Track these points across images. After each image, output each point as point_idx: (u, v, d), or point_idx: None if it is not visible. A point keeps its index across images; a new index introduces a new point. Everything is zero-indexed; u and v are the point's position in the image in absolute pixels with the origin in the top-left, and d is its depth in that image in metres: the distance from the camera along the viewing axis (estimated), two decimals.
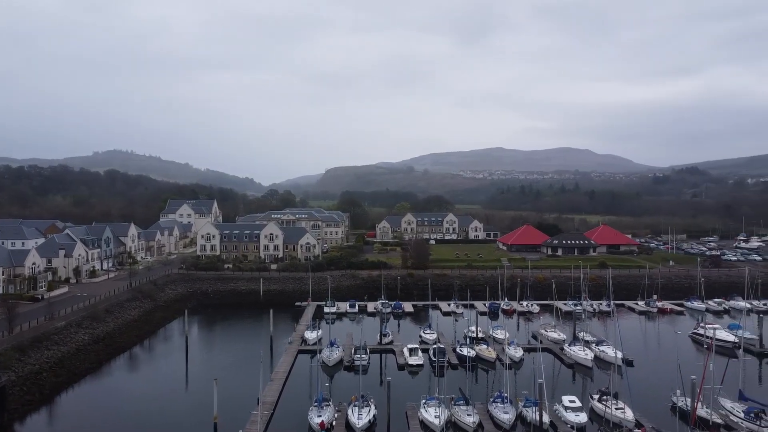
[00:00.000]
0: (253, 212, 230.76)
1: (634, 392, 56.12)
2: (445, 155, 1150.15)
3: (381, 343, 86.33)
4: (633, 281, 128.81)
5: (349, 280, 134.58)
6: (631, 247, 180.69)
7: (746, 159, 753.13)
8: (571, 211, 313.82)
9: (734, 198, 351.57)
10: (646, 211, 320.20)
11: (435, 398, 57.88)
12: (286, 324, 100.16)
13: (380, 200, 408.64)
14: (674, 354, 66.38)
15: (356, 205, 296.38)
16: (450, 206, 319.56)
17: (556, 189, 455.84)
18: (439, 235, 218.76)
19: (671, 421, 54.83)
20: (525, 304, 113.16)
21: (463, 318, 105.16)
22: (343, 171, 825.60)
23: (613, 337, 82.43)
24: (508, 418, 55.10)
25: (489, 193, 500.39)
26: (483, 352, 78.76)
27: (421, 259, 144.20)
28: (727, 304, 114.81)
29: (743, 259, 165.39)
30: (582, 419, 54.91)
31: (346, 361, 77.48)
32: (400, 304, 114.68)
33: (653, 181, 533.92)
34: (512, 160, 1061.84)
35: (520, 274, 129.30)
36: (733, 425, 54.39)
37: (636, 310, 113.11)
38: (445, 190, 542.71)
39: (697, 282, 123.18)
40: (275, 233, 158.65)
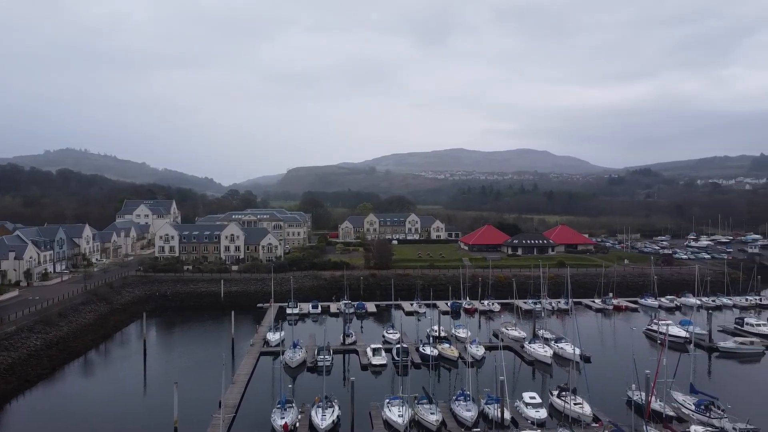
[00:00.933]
0: (213, 213, 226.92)
1: (591, 388, 57.74)
2: (407, 156, 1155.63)
3: (344, 343, 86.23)
4: (590, 280, 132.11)
5: (311, 280, 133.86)
6: (588, 246, 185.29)
7: (696, 161, 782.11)
8: (531, 211, 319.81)
9: (685, 198, 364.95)
10: (602, 211, 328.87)
11: (398, 397, 58.23)
12: (248, 326, 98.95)
13: (342, 201, 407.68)
14: (629, 350, 68.53)
15: (318, 206, 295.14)
16: (412, 206, 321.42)
17: (515, 190, 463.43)
18: (402, 235, 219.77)
19: (627, 414, 56.61)
20: (486, 303, 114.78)
21: (425, 317, 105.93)
22: (304, 171, 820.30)
23: (571, 334, 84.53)
24: (470, 415, 55.82)
25: (450, 194, 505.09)
26: (445, 351, 79.53)
27: (384, 260, 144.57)
28: (678, 301, 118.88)
29: (693, 257, 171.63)
30: (542, 415, 56.08)
31: (309, 362, 77.08)
32: (363, 305, 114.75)
33: (609, 182, 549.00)
34: (473, 160, 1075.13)
35: (482, 273, 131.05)
36: (685, 417, 56.43)
37: (593, 307, 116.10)
38: (407, 190, 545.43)
39: (650, 280, 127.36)
40: (236, 234, 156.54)
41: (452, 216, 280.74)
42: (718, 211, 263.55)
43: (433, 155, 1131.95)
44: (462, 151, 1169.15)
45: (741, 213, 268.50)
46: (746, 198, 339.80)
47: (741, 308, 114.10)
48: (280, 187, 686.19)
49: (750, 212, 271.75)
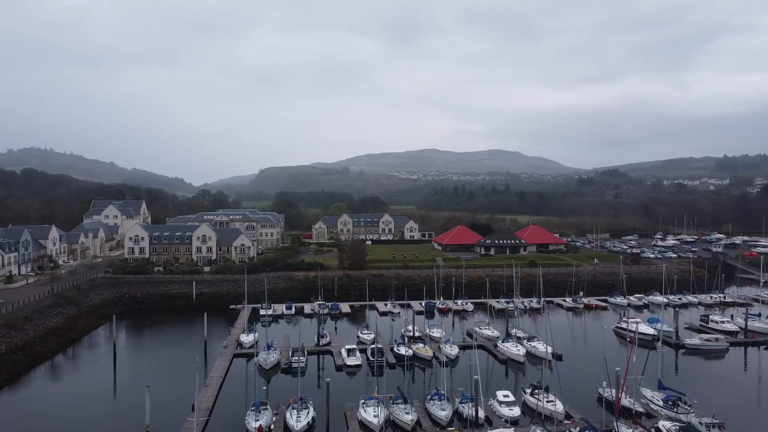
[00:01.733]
0: (184, 213, 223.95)
1: (563, 385, 58.79)
2: (380, 156, 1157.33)
3: (319, 344, 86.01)
4: (561, 279, 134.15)
5: (285, 281, 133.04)
6: (559, 246, 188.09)
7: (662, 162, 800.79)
8: (503, 211, 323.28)
9: (652, 199, 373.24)
10: (572, 211, 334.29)
11: (374, 398, 58.33)
12: (221, 327, 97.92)
13: (316, 201, 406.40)
14: (600, 348, 69.96)
15: (291, 206, 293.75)
16: (386, 207, 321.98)
17: (488, 190, 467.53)
18: (376, 235, 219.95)
19: (598, 411, 57.68)
20: (460, 303, 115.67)
21: (399, 317, 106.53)
22: (277, 171, 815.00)
23: (543, 333, 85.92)
24: (445, 414, 56.24)
25: (424, 194, 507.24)
26: (420, 351, 79.91)
27: (358, 260, 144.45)
28: (646, 299, 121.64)
29: (660, 256, 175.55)
30: (515, 413, 56.80)
31: (283, 364, 76.69)
32: (338, 305, 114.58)
33: (578, 183, 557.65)
34: (446, 161, 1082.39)
35: (455, 273, 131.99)
36: (653, 413, 57.81)
37: (564, 306, 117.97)
38: (380, 190, 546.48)
39: (619, 279, 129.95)
40: (208, 235, 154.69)
41: (426, 216, 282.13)
42: (683, 211, 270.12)
43: (407, 155, 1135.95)
44: (435, 151, 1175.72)
45: (705, 213, 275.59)
46: (710, 198, 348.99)
47: (706, 306, 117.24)
48: (252, 188, 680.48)
49: (714, 212, 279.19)
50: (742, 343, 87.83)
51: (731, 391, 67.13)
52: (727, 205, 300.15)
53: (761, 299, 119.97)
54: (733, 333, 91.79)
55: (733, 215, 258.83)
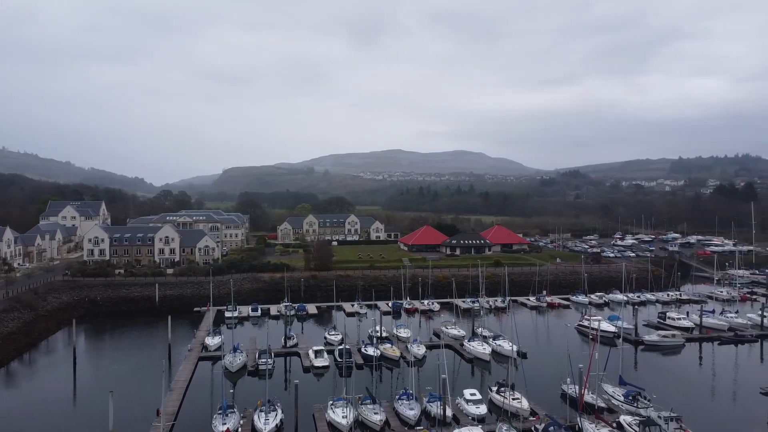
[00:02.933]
0: (145, 214, 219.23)
1: (528, 383, 60.00)
2: (345, 156, 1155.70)
3: (285, 346, 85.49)
4: (525, 278, 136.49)
5: (250, 283, 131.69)
6: (522, 245, 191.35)
7: (621, 163, 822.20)
8: (467, 211, 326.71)
9: (611, 199, 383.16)
10: (535, 211, 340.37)
11: (342, 398, 58.41)
12: (185, 330, 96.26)
13: (280, 201, 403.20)
14: (563, 345, 71.59)
15: (256, 207, 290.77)
16: (351, 207, 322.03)
17: (452, 190, 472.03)
18: (342, 236, 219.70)
19: (562, 407, 59.00)
20: (426, 303, 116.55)
21: (366, 318, 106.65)
22: (240, 171, 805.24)
23: (508, 331, 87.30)
24: (413, 414, 56.71)
25: (389, 194, 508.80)
26: (387, 351, 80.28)
27: (324, 261, 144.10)
28: (606, 297, 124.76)
29: (620, 255, 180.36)
30: (482, 411, 57.61)
31: (250, 366, 76.00)
32: (304, 306, 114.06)
33: (541, 184, 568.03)
34: (411, 161, 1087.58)
35: (421, 273, 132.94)
36: (615, 408, 59.50)
37: (528, 305, 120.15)
38: (345, 191, 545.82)
39: (581, 278, 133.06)
40: (171, 236, 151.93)
41: (391, 217, 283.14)
42: (641, 212, 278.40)
43: (372, 156, 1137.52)
44: (400, 152, 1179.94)
45: (662, 213, 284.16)
46: (666, 199, 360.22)
47: (663, 303, 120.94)
48: (215, 188, 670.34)
49: (669, 212, 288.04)
50: (697, 339, 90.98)
51: (687, 385, 69.55)
52: (682, 205, 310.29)
53: (715, 296, 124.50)
54: (688, 329, 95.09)
55: (688, 215, 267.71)
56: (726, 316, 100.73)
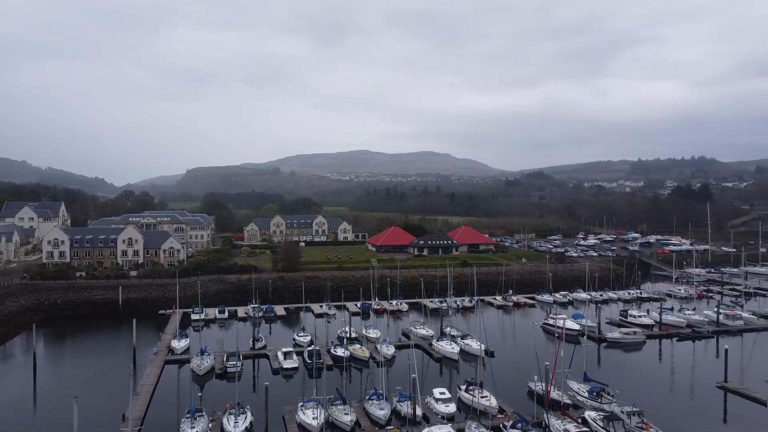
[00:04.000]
0: (107, 215, 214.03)
1: (496, 381, 61.01)
2: (311, 157, 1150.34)
3: (254, 348, 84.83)
4: (491, 278, 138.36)
5: (217, 284, 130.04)
6: (489, 246, 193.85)
7: (583, 165, 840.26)
8: (434, 212, 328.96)
9: (574, 200, 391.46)
10: (500, 212, 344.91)
11: (312, 400, 58.46)
12: (151, 334, 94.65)
13: (246, 202, 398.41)
14: (529, 343, 73.22)
15: (222, 208, 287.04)
16: (318, 208, 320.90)
17: (419, 191, 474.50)
18: (309, 237, 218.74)
19: (529, 404, 60.27)
20: (395, 303, 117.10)
21: (335, 319, 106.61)
22: (205, 172, 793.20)
23: (476, 330, 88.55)
24: (383, 413, 57.09)
25: (356, 195, 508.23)
26: (357, 352, 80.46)
27: (292, 262, 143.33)
28: (571, 296, 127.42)
29: (583, 255, 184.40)
30: (451, 409, 58.37)
31: (218, 369, 75.18)
32: (272, 308, 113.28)
33: (506, 184, 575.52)
34: (377, 162, 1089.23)
35: (390, 274, 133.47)
36: (580, 404, 61.03)
37: (495, 304, 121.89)
38: (312, 191, 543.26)
39: (546, 277, 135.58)
40: (135, 237, 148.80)
41: (359, 217, 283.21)
42: (603, 212, 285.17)
43: (338, 156, 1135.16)
44: (366, 152, 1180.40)
45: (622, 213, 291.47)
46: (626, 200, 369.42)
47: (624, 301, 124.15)
48: (179, 188, 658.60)
49: (630, 213, 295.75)
50: (657, 336, 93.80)
51: (648, 380, 71.71)
52: (641, 206, 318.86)
53: (673, 294, 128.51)
54: (649, 326, 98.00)
55: (647, 215, 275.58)
56: (684, 314, 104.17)
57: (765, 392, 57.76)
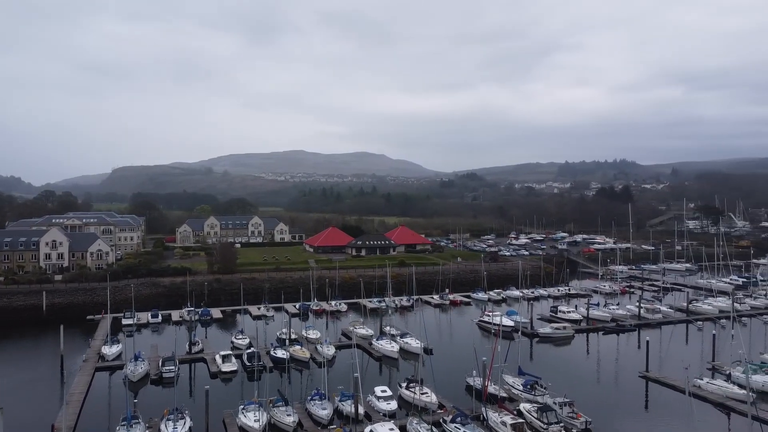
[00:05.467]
0: (26, 217, 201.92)
1: (436, 377, 62.57)
2: (244, 156, 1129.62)
3: (190, 352, 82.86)
4: (428, 277, 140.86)
5: (149, 288, 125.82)
6: (425, 246, 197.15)
7: (513, 167, 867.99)
8: (370, 213, 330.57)
9: (505, 200, 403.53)
10: (435, 212, 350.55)
11: (253, 402, 58.03)
12: (79, 340, 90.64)
13: (178, 203, 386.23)
14: (465, 340, 75.43)
15: (152, 208, 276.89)
16: (253, 208, 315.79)
17: (355, 192, 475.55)
18: (245, 238, 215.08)
19: (467, 399, 62.26)
20: (334, 304, 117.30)
21: (274, 321, 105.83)
22: (132, 171, 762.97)
23: (414, 329, 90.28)
24: (326, 413, 57.41)
25: (291, 196, 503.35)
26: (297, 353, 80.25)
27: (228, 264, 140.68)
28: (504, 294, 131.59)
29: (515, 254, 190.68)
30: (393, 407, 59.40)
31: (153, 374, 73.06)
32: (208, 311, 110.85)
33: (440, 186, 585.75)
34: (313, 162, 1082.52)
35: (328, 274, 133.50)
36: (515, 397, 63.54)
37: (432, 303, 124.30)
38: (246, 192, 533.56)
39: (480, 275, 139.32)
40: (59, 240, 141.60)
41: (295, 218, 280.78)
42: (533, 212, 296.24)
43: (273, 156, 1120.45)
44: (302, 152, 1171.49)
45: (551, 214, 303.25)
46: (555, 200, 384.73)
47: (554, 298, 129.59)
48: (104, 188, 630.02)
49: (558, 213, 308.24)
50: (585, 330, 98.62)
51: (577, 372, 75.55)
52: (569, 206, 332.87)
53: (599, 290, 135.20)
54: (577, 321, 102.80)
55: (574, 216, 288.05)
56: (609, 308, 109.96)
57: (682, 380, 62.10)
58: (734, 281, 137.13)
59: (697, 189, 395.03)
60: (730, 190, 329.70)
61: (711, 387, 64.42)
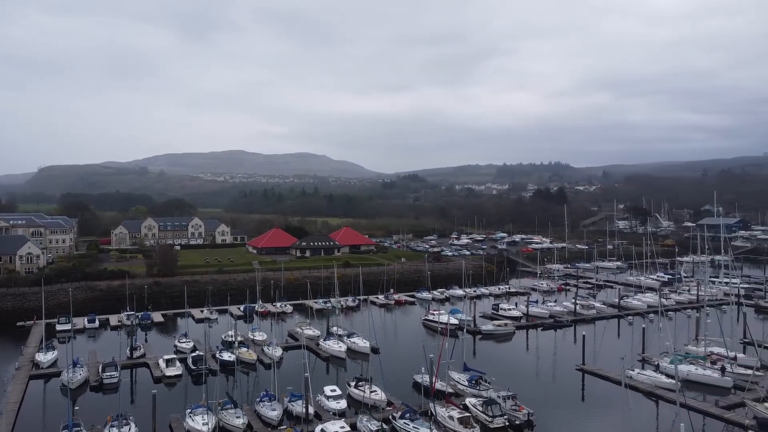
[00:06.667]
0: None
1: (384, 376, 63.69)
2: (182, 156, 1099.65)
3: (132, 357, 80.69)
4: (373, 277, 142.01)
5: (85, 292, 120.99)
6: (369, 246, 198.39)
7: (454, 168, 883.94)
8: (313, 213, 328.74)
9: (447, 201, 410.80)
10: (378, 213, 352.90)
11: (201, 406, 57.46)
12: (10, 348, 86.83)
13: (111, 204, 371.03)
14: (411, 339, 76.88)
15: (84, 209, 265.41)
16: (193, 209, 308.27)
17: (297, 192, 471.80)
18: (185, 240, 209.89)
19: (415, 396, 63.73)
20: (279, 305, 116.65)
21: (218, 323, 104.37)
22: (61, 170, 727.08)
23: (361, 329, 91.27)
24: (275, 414, 57.49)
25: (232, 196, 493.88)
26: (243, 355, 79.61)
27: (169, 266, 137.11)
28: (447, 293, 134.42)
29: (457, 254, 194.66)
30: (342, 405, 60.11)
31: (93, 381, 70.79)
32: (149, 315, 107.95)
33: (383, 186, 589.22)
34: (254, 163, 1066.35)
35: (273, 276, 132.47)
36: (461, 392, 65.52)
37: (377, 303, 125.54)
38: (184, 192, 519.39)
39: (424, 275, 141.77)
40: None
41: (237, 219, 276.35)
42: (473, 213, 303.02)
43: (212, 156, 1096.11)
44: (242, 153, 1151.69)
45: (491, 214, 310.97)
46: (494, 201, 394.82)
47: (495, 296, 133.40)
48: (30, 188, 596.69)
49: (497, 213, 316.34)
50: (524, 327, 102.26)
51: (519, 367, 78.63)
52: (507, 207, 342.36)
53: (537, 288, 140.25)
54: (518, 318, 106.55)
55: (513, 216, 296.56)
56: (547, 305, 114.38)
57: (616, 372, 65.75)
58: (660, 278, 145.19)
59: (626, 191, 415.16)
60: (656, 192, 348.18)
61: (641, 377, 68.54)
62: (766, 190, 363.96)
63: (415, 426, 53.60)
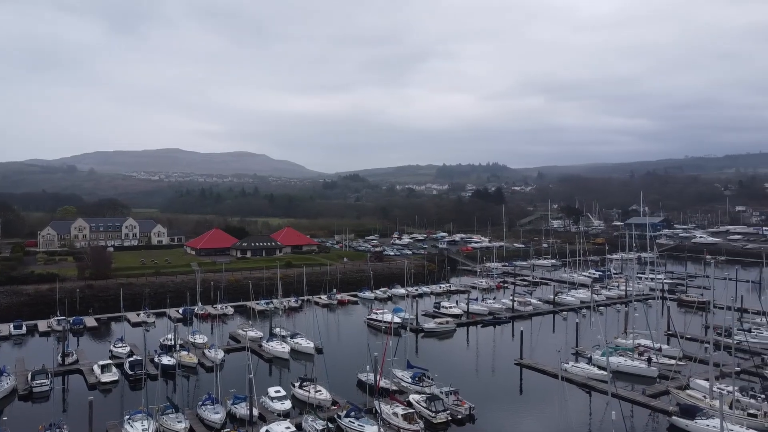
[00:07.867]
0: None
1: (328, 375, 63.91)
2: (113, 154, 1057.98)
3: (64, 363, 77.32)
4: (316, 278, 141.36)
5: (9, 297, 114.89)
6: (311, 246, 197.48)
7: (394, 168, 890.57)
8: (253, 214, 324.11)
9: (388, 201, 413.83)
10: (319, 213, 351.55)
11: (140, 411, 55.92)
12: None
13: (36, 204, 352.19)
14: (355, 338, 77.38)
15: (7, 210, 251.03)
16: (126, 210, 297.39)
17: (236, 192, 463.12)
18: (119, 241, 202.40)
19: (360, 394, 64.28)
20: (219, 307, 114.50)
21: (155, 327, 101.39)
22: None
23: (304, 329, 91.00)
24: (218, 417, 56.73)
25: (167, 196, 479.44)
26: (184, 359, 77.69)
27: (102, 269, 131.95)
28: (390, 292, 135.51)
29: (399, 254, 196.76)
30: (287, 406, 59.92)
31: (21, 390, 67.36)
32: (81, 319, 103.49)
33: (323, 186, 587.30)
34: (190, 162, 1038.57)
35: (213, 277, 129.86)
36: (405, 389, 66.56)
37: (320, 303, 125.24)
38: (117, 192, 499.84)
39: (367, 275, 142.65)
40: None
41: (173, 220, 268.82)
42: (414, 213, 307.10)
43: (145, 155, 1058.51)
44: (178, 151, 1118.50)
45: (431, 214, 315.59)
46: (434, 201, 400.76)
47: (437, 295, 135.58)
48: None
49: (438, 213, 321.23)
50: (465, 324, 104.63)
51: (460, 363, 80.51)
52: (447, 207, 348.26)
53: (477, 286, 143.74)
54: (458, 316, 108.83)
55: (453, 216, 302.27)
56: (486, 303, 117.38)
57: (552, 365, 68.50)
58: (592, 275, 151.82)
59: (559, 191, 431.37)
60: (587, 192, 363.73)
61: (575, 370, 71.73)
62: (686, 191, 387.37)
63: (360, 424, 54.17)
